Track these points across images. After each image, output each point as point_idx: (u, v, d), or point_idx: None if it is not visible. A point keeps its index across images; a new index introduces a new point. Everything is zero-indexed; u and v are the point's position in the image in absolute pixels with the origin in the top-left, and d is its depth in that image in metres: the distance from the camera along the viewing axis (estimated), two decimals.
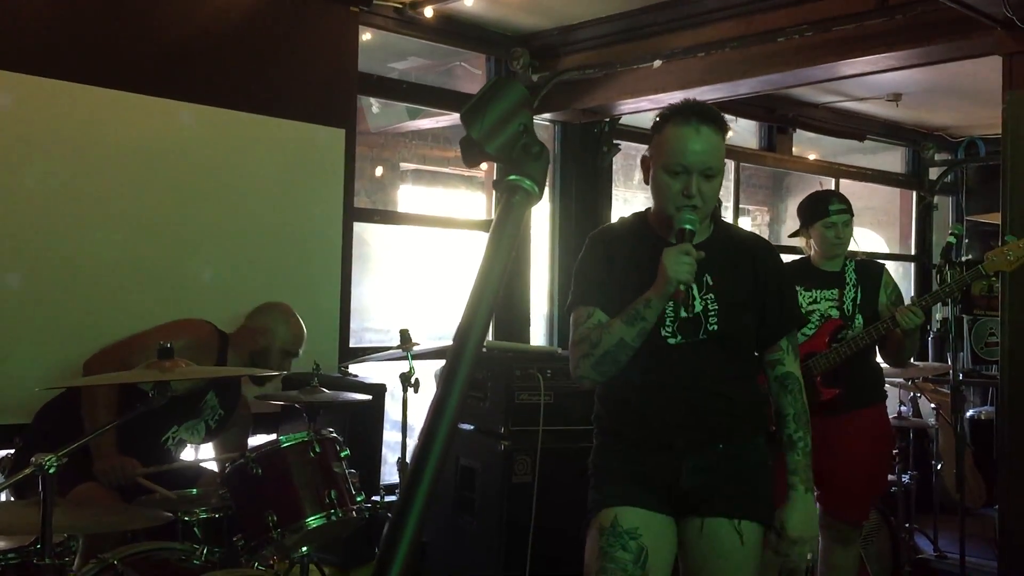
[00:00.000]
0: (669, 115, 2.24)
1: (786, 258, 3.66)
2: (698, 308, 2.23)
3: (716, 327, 2.23)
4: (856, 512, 3.53)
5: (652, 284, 2.16)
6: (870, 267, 3.60)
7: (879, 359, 3.64)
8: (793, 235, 3.69)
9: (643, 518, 2.22)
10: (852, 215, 3.56)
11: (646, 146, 2.34)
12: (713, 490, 2.23)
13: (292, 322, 3.59)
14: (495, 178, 5.37)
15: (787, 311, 2.36)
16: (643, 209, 2.44)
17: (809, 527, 2.28)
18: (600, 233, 2.43)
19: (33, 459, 2.14)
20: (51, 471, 2.12)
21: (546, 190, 2.27)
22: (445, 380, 0.81)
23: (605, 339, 2.19)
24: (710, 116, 2.23)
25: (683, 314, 2.21)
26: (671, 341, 2.23)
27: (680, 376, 2.21)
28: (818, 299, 3.50)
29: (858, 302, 3.47)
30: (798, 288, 3.51)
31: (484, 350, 2.79)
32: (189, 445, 3.48)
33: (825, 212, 3.50)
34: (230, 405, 3.51)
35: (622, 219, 2.46)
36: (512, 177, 0.98)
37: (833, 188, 7.28)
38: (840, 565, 3.53)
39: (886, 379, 5.06)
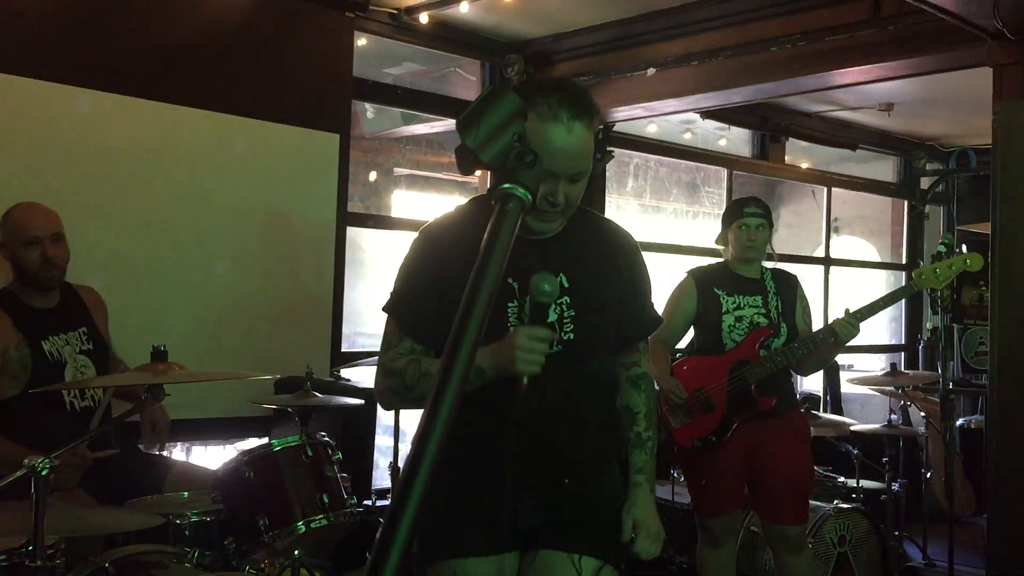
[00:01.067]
0: (531, 98, 1.77)
1: (705, 261, 3.70)
2: (552, 317, 1.86)
3: (572, 336, 1.91)
4: (802, 512, 3.57)
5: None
6: (786, 277, 3.64)
7: None
8: (717, 240, 3.71)
9: (484, 569, 1.94)
10: (770, 223, 3.58)
11: (639, 153, 2.27)
12: (553, 524, 1.97)
13: (10, 213, 3.18)
14: (488, 185, 5.38)
15: (649, 313, 2.11)
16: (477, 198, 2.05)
17: (656, 520, 2.10)
18: (435, 230, 1.97)
19: (26, 461, 2.14)
20: (44, 473, 2.12)
21: None
22: (439, 385, 0.82)
23: (421, 385, 1.85)
24: (583, 107, 1.82)
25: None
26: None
27: (525, 400, 1.74)
28: (742, 305, 3.51)
29: (781, 311, 3.50)
30: (719, 292, 3.54)
31: None
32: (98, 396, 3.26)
33: (740, 214, 3.53)
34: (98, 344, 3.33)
35: (459, 209, 2.01)
36: (506, 185, 1.00)
37: (825, 197, 7.32)
38: (801, 574, 3.55)
39: (872, 388, 5.10)
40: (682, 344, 3.74)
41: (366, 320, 5.73)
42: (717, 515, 3.56)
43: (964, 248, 4.31)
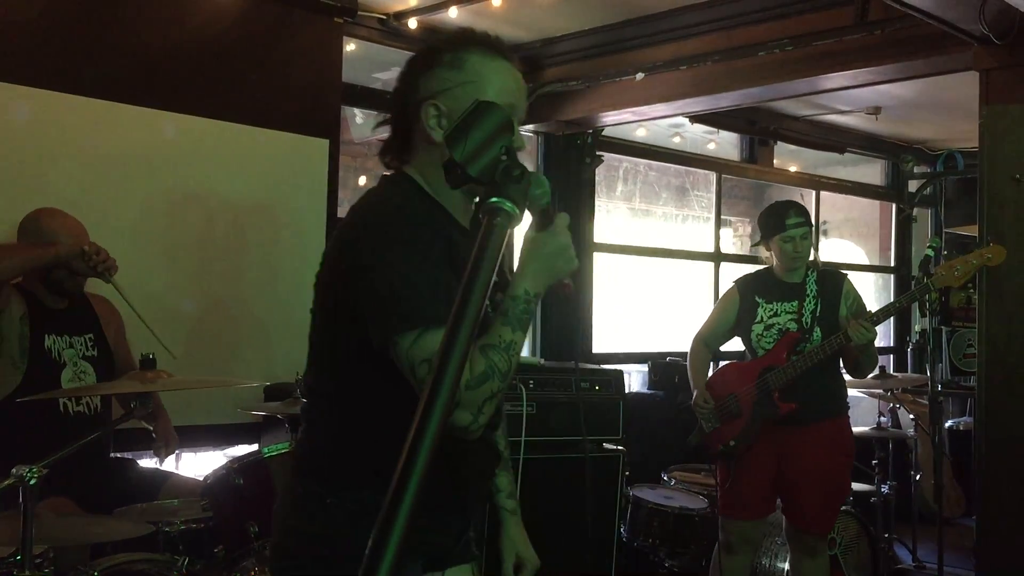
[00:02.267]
0: (470, 44, 1.66)
1: (748, 269, 3.73)
2: None
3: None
4: (822, 524, 3.56)
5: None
6: (831, 277, 3.63)
7: (843, 371, 3.67)
8: (755, 245, 3.72)
9: None
10: (811, 226, 3.59)
11: (629, 157, 2.24)
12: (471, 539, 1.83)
13: (40, 219, 3.19)
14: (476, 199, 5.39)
15: None
16: (397, 175, 1.76)
17: (531, 549, 1.99)
18: (426, 212, 1.67)
19: (14, 470, 2.13)
20: (32, 482, 2.11)
21: None
22: (429, 395, 0.82)
23: (513, 360, 1.51)
24: (510, 51, 1.71)
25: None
26: None
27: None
28: (778, 312, 3.54)
29: (817, 314, 3.50)
30: (759, 300, 3.56)
31: None
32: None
33: (782, 227, 3.52)
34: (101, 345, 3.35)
35: (413, 193, 1.71)
36: (494, 199, 1.00)
37: (814, 200, 7.34)
38: None
39: (862, 390, 5.11)
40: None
41: None
42: (735, 519, 3.59)
43: (952, 251, 4.32)
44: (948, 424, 6.45)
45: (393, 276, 1.53)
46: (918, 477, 5.43)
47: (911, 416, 5.52)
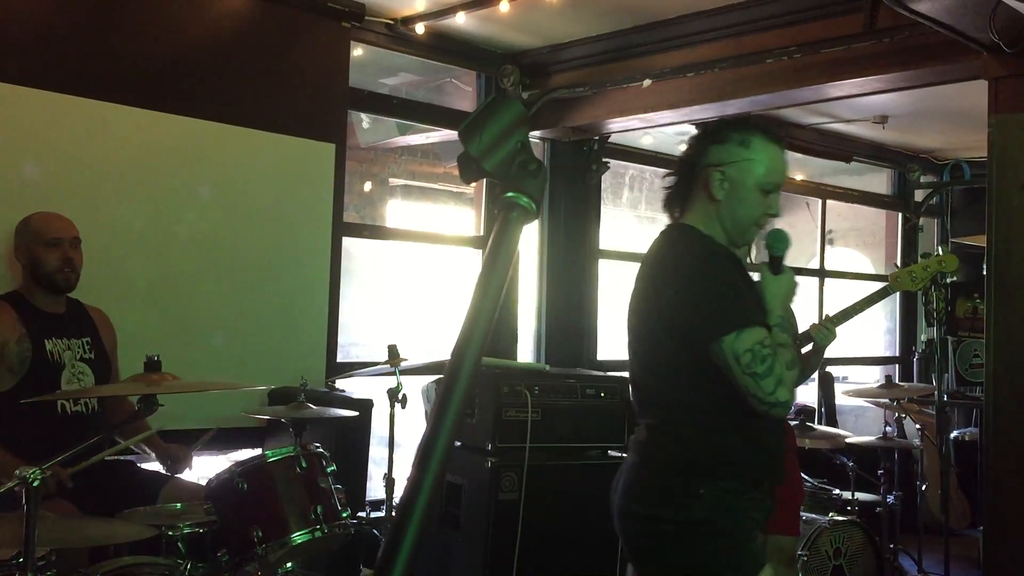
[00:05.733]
0: (755, 129, 2.17)
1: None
2: None
3: None
4: (798, 523, 3.59)
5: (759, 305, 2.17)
6: None
7: None
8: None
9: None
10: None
11: (635, 164, 2.35)
12: None
13: (31, 219, 3.34)
14: (486, 195, 5.38)
15: None
16: (684, 225, 2.27)
17: None
18: (717, 252, 2.21)
19: (17, 472, 2.12)
20: (35, 484, 2.10)
21: None
22: (443, 396, 0.81)
23: (796, 360, 2.14)
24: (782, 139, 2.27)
25: None
26: None
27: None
28: None
29: None
30: None
31: None
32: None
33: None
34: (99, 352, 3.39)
35: (694, 234, 2.25)
36: (509, 194, 0.99)
37: (820, 209, 7.32)
38: None
39: (868, 400, 5.10)
40: None
41: (361, 331, 5.72)
42: None
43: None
44: (954, 434, 6.42)
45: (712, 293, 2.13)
46: (924, 487, 5.40)
47: (917, 426, 5.50)
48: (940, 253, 3.59)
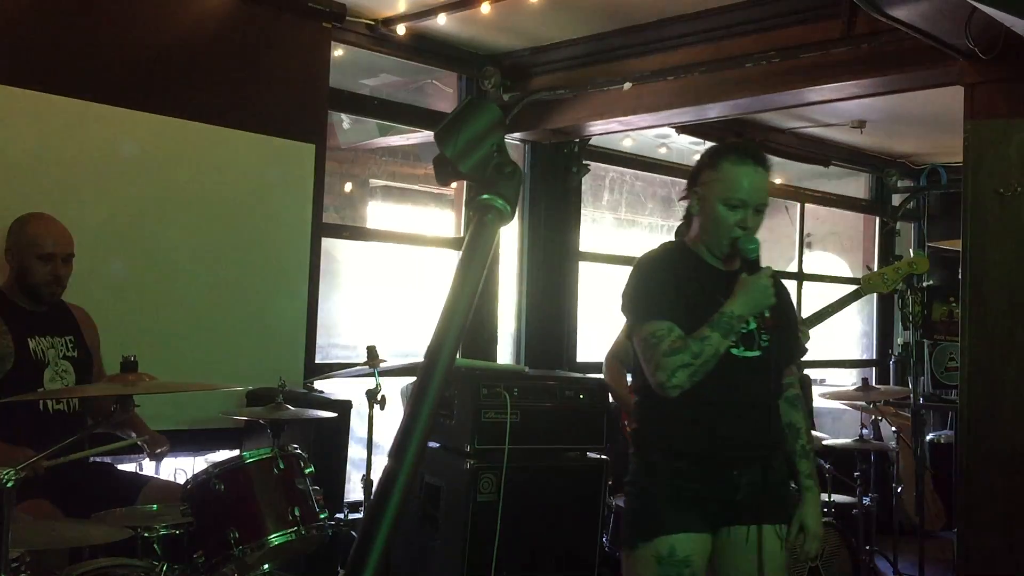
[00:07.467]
0: (729, 152, 2.44)
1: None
2: (751, 326, 2.39)
3: (767, 343, 2.41)
4: None
5: (716, 305, 2.32)
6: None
7: None
8: None
9: (694, 543, 2.35)
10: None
11: (615, 167, 2.44)
12: (760, 501, 2.38)
13: (28, 223, 3.28)
14: (466, 197, 5.39)
15: (800, 340, 2.68)
16: (673, 240, 2.62)
17: (819, 523, 2.54)
18: (656, 258, 2.52)
19: None
20: (9, 484, 2.09)
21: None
22: (415, 398, 0.81)
23: (705, 350, 2.28)
24: (763, 157, 2.45)
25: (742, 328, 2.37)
26: (736, 353, 2.37)
27: (746, 391, 2.38)
28: None
29: None
30: None
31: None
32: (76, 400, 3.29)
33: None
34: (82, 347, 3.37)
35: (664, 247, 2.57)
36: (485, 196, 0.99)
37: (798, 212, 7.37)
38: None
39: (844, 403, 5.13)
40: None
41: (340, 332, 5.70)
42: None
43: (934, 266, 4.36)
44: (929, 437, 6.47)
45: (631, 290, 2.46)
46: (899, 489, 5.44)
47: (893, 429, 5.54)
48: (911, 255, 3.62)
